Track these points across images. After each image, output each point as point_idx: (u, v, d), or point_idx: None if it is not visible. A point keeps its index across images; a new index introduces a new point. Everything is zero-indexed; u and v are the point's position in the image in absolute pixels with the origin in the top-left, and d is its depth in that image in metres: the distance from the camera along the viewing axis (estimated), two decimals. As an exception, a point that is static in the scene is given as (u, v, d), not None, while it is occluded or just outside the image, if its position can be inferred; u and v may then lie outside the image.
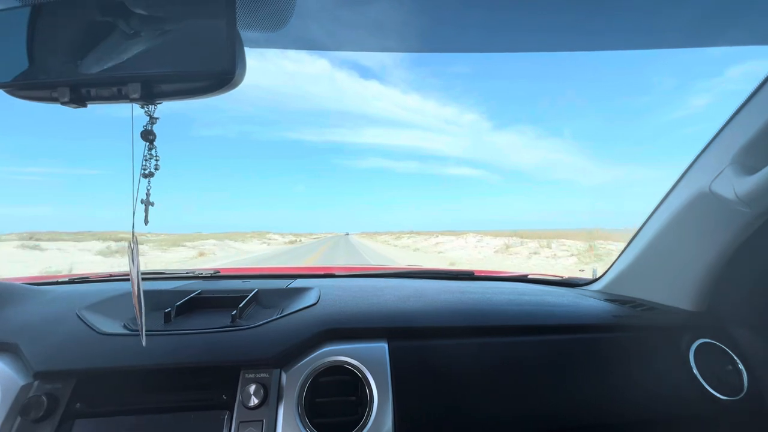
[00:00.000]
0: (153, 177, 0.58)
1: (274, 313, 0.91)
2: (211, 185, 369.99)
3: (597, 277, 1.32)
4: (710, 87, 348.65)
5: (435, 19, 0.82)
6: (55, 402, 0.65)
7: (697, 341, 0.91)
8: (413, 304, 0.97)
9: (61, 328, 0.80)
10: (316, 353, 0.77)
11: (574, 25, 0.82)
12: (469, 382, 0.79)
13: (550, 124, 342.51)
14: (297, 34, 0.81)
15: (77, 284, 1.22)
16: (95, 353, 0.73)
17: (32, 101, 0.55)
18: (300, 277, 1.31)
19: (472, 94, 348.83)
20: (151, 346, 0.74)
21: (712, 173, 0.83)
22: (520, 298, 1.08)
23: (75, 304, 0.89)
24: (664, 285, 1.06)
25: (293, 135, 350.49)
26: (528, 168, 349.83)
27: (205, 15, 0.49)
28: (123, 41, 0.51)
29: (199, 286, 1.10)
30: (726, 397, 0.84)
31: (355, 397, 0.73)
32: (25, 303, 0.91)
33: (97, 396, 0.68)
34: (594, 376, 0.83)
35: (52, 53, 0.52)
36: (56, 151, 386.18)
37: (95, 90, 0.53)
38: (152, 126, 0.57)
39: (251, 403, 0.68)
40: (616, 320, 0.96)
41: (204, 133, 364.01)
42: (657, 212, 1.04)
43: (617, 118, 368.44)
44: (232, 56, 0.49)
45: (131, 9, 0.50)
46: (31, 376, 0.69)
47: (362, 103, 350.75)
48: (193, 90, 0.52)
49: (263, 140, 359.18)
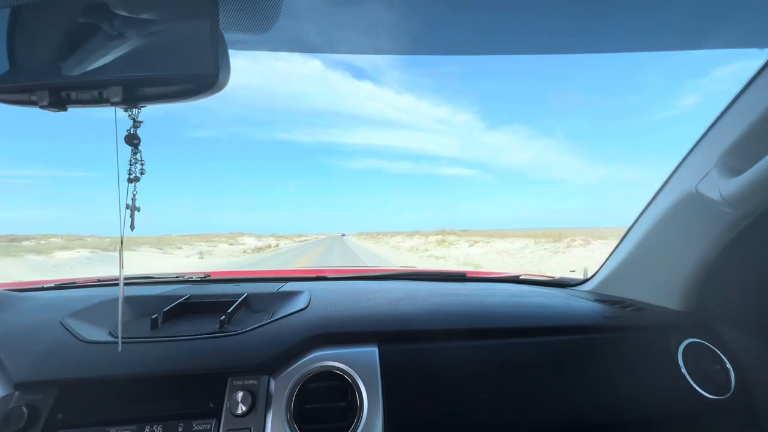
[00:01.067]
0: (138, 182, 0.57)
1: (264, 318, 0.90)
2: (195, 186, 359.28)
3: (588, 278, 1.33)
4: (699, 87, 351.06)
5: (428, 22, 0.82)
6: (36, 413, 0.63)
7: (685, 341, 0.92)
8: (404, 307, 0.97)
9: (43, 336, 0.78)
10: (306, 359, 0.76)
11: (567, 28, 0.82)
12: (460, 385, 0.79)
13: (543, 123, 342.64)
14: (288, 36, 0.80)
15: (64, 290, 1.19)
16: (78, 362, 0.71)
17: (9, 105, 0.54)
18: (291, 280, 1.30)
19: (465, 94, 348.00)
20: (136, 354, 0.72)
21: (699, 174, 0.84)
22: (512, 300, 1.08)
23: (59, 311, 0.87)
24: (652, 285, 1.07)
25: (286, 135, 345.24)
26: (521, 167, 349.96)
27: (187, 17, 0.49)
28: (104, 43, 0.50)
29: (188, 290, 1.09)
30: (714, 396, 0.85)
31: (345, 402, 0.73)
32: (6, 310, 0.89)
33: (81, 406, 0.67)
34: (584, 377, 0.84)
35: (31, 55, 0.51)
36: (42, 154, 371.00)
37: (75, 93, 0.52)
38: (136, 130, 0.56)
39: (239, 411, 0.66)
40: (606, 321, 0.97)
41: (195, 135, 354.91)
42: (646, 212, 1.05)
43: (608, 117, 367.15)
44: (215, 59, 0.48)
45: (113, 11, 0.49)
46: (11, 387, 0.67)
47: (355, 104, 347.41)
48: (176, 93, 0.51)
49: (255, 141, 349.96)
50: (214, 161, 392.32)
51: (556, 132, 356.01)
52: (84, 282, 1.26)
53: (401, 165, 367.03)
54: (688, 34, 0.84)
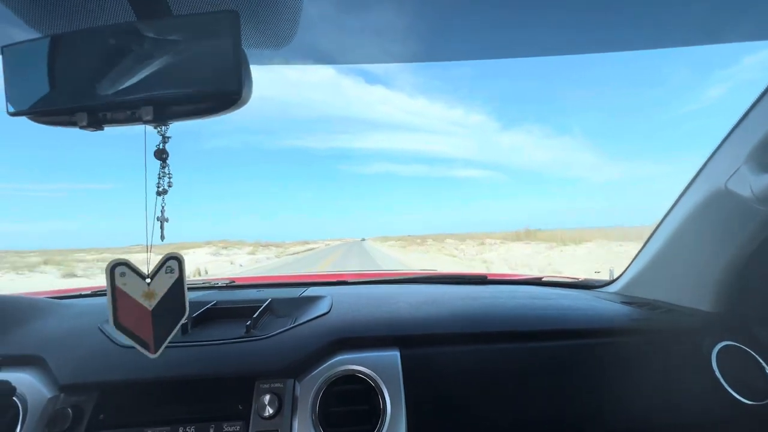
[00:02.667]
0: (167, 194, 0.60)
1: (288, 323, 0.92)
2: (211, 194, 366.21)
3: (614, 279, 1.29)
4: (726, 78, 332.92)
5: (443, 28, 0.83)
6: (80, 414, 0.68)
7: (719, 344, 0.88)
8: (426, 311, 0.97)
9: (84, 341, 0.82)
10: (329, 362, 0.78)
11: (583, 27, 0.81)
12: (482, 389, 0.78)
13: (559, 121, 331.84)
14: (304, 49, 0.82)
15: (99, 297, 1.26)
16: (116, 366, 0.75)
17: (53, 126, 0.58)
18: (312, 285, 1.32)
19: (478, 95, 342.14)
20: (169, 358, 0.76)
21: (729, 171, 0.81)
22: (534, 303, 1.07)
23: (97, 318, 0.92)
24: (682, 285, 1.03)
25: (299, 143, 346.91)
26: (538, 167, 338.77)
27: (211, 38, 0.51)
28: (135, 66, 0.53)
29: (215, 296, 1.12)
30: (751, 402, 0.81)
31: (368, 406, 0.74)
32: (49, 317, 0.95)
33: (119, 408, 0.70)
34: (612, 382, 0.82)
35: (70, 80, 0.55)
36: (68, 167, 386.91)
37: (111, 114, 0.55)
38: (164, 145, 0.59)
39: (266, 413, 0.69)
40: (634, 323, 0.94)
41: (209, 145, 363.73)
42: (673, 211, 1.02)
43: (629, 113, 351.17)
44: (239, 76, 0.50)
45: (143, 34, 0.52)
46: (57, 389, 0.71)
47: (367, 109, 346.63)
48: (203, 110, 0.54)
49: (268, 149, 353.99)
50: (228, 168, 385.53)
51: (573, 129, 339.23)
52: None
53: (415, 168, 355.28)
54: (711, 29, 0.81)
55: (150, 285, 0.59)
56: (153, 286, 0.59)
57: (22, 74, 0.56)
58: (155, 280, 0.59)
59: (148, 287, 0.59)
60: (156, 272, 0.59)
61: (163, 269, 0.60)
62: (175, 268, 0.60)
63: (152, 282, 0.59)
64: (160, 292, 0.59)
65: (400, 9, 0.78)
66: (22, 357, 0.77)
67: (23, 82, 0.56)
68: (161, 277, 0.59)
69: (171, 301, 0.60)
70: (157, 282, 0.59)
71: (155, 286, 0.59)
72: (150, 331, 0.59)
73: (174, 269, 0.60)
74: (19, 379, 0.71)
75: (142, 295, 0.59)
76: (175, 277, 0.60)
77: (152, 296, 0.59)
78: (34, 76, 0.55)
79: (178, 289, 0.60)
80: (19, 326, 0.87)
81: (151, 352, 0.59)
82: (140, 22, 0.54)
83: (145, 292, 0.59)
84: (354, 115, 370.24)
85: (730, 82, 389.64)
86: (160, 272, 0.60)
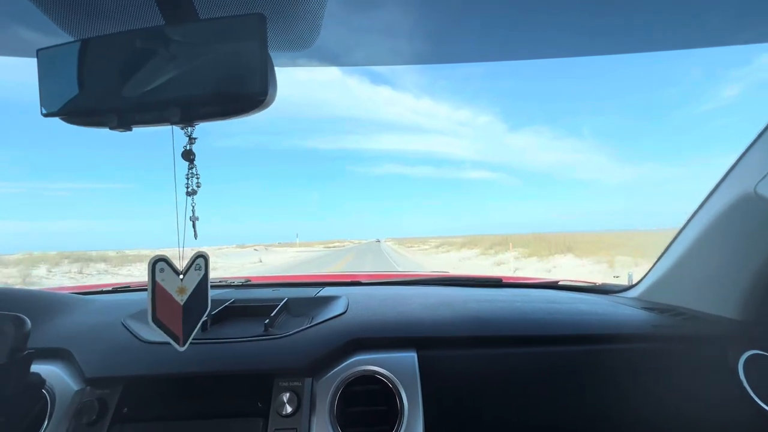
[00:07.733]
0: (196, 194, 0.62)
1: (304, 322, 0.93)
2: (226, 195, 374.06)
3: (633, 284, 1.26)
4: (741, 76, 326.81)
5: (455, 30, 0.83)
6: (105, 406, 0.69)
7: (746, 353, 0.85)
8: (441, 312, 0.97)
9: (108, 336, 0.85)
10: (347, 362, 0.78)
11: (593, 29, 0.80)
12: (498, 392, 0.78)
13: (568, 122, 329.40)
14: (322, 52, 0.84)
15: (120, 293, 1.29)
16: (140, 360, 0.77)
17: (84, 126, 0.60)
18: (328, 285, 1.33)
19: (486, 95, 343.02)
20: (190, 354, 0.77)
21: (758, 175, 0.79)
22: (550, 306, 1.05)
23: (119, 313, 0.94)
24: (707, 292, 1.00)
25: (307, 143, 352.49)
26: (548, 169, 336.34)
27: (238, 40, 0.52)
28: (163, 68, 0.55)
29: (232, 294, 1.14)
30: None
31: (386, 406, 0.74)
32: (74, 312, 0.98)
33: (142, 401, 0.72)
34: (634, 390, 0.80)
35: (101, 83, 0.57)
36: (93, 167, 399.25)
37: (139, 115, 0.57)
38: (191, 146, 0.60)
39: (285, 412, 0.69)
40: (655, 330, 0.92)
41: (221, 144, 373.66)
42: (698, 215, 0.99)
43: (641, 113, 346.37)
44: (265, 78, 0.51)
45: (170, 37, 0.54)
46: (83, 382, 0.73)
47: (375, 109, 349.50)
48: (229, 111, 0.55)
49: (278, 150, 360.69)
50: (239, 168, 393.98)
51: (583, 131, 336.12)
52: (137, 286, 1.36)
53: (422, 169, 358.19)
54: (726, 30, 0.79)
55: (183, 281, 0.61)
56: (185, 282, 0.61)
57: (56, 77, 0.58)
58: (187, 276, 0.62)
59: (181, 283, 0.61)
60: (188, 269, 0.62)
61: (193, 266, 0.62)
62: (202, 265, 0.62)
63: (184, 278, 0.61)
64: (189, 288, 0.62)
65: (407, 10, 0.79)
66: (51, 350, 0.79)
67: (56, 84, 0.57)
68: (191, 274, 0.62)
69: (197, 297, 0.62)
70: (188, 278, 0.62)
71: (187, 282, 0.62)
72: (180, 325, 0.61)
73: (201, 266, 0.62)
74: (48, 372, 0.73)
75: (176, 290, 0.61)
76: (201, 274, 0.62)
77: (184, 291, 0.61)
78: (66, 79, 0.57)
79: (204, 285, 0.62)
80: (48, 320, 0.90)
81: (180, 344, 0.62)
82: (168, 27, 0.55)
83: (178, 287, 0.61)
84: (362, 115, 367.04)
85: (747, 81, 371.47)
86: (191, 269, 0.62)
